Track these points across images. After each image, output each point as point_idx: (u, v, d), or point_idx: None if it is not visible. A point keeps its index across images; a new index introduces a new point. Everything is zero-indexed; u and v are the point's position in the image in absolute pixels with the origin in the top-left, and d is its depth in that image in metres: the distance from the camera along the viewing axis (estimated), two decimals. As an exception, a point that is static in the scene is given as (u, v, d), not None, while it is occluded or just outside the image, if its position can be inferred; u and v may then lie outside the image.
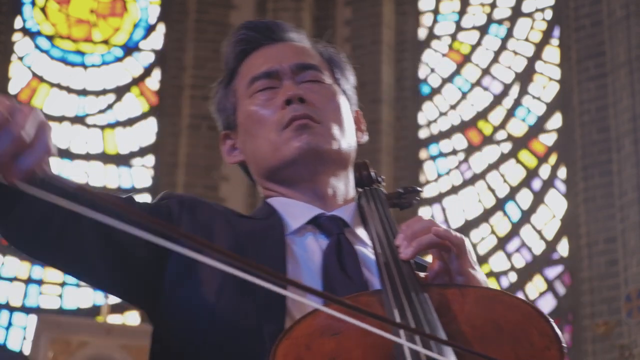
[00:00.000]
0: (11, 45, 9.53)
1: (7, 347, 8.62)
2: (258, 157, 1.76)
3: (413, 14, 9.65)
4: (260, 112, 1.75)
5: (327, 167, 1.73)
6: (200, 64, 9.37)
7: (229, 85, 1.83)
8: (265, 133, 1.73)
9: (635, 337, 7.25)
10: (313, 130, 1.70)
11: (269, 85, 1.76)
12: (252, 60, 1.81)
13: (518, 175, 8.85)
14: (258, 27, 1.84)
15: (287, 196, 1.74)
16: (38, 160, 1.23)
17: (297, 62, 1.78)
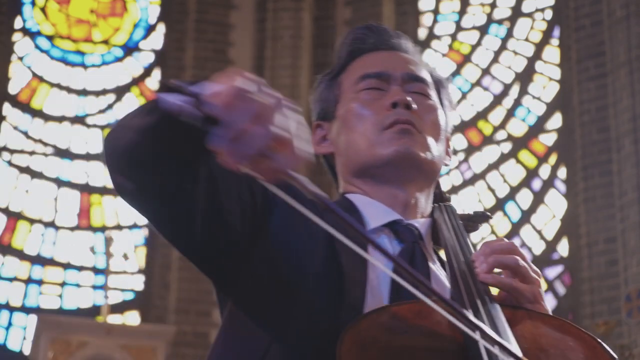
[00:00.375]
0: (11, 45, 9.53)
1: (7, 347, 8.62)
2: (350, 150, 1.77)
3: (413, 14, 9.65)
4: (364, 108, 1.76)
5: (417, 176, 1.75)
6: (200, 64, 9.37)
7: (336, 78, 1.85)
8: (364, 129, 1.75)
9: (635, 337, 7.25)
10: (413, 137, 1.72)
11: (377, 85, 1.78)
12: (365, 60, 1.83)
13: (518, 175, 8.85)
14: (379, 31, 1.87)
15: (369, 196, 1.75)
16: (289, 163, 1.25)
17: (410, 72, 1.80)
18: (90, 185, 9.28)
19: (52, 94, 9.53)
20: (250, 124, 1.22)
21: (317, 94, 1.88)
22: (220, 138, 1.22)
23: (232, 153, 1.22)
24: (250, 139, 1.21)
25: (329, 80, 1.87)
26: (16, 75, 9.48)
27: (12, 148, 9.27)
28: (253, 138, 1.21)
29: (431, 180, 1.79)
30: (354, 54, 1.85)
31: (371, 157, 1.73)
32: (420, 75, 1.82)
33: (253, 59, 9.42)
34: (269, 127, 1.22)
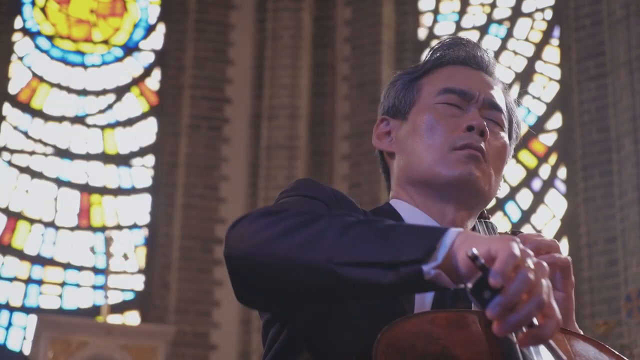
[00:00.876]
0: (11, 45, 9.53)
1: (7, 347, 8.62)
2: (414, 159, 1.77)
3: (413, 14, 9.65)
4: (439, 122, 1.76)
5: (472, 202, 1.75)
6: (200, 64, 9.37)
7: (417, 80, 1.84)
8: (434, 143, 1.74)
9: (635, 337, 7.25)
10: (480, 165, 1.73)
11: (457, 103, 1.78)
12: (452, 71, 1.82)
13: (518, 175, 8.85)
14: (472, 47, 1.86)
15: (419, 206, 1.76)
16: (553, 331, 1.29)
17: (492, 99, 1.80)
18: (90, 185, 9.28)
19: (52, 94, 9.53)
20: (526, 295, 1.27)
21: (393, 90, 1.86)
22: (498, 307, 1.26)
23: (506, 322, 1.27)
24: (524, 309, 1.26)
25: (409, 81, 1.85)
26: (16, 75, 9.49)
27: (12, 148, 9.27)
28: (527, 309, 1.26)
29: (481, 209, 1.80)
30: (442, 62, 1.84)
31: (433, 172, 1.73)
32: (499, 104, 1.81)
33: (253, 59, 9.42)
34: (540, 298, 1.27)
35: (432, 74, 1.84)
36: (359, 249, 1.39)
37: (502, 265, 1.26)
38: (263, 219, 1.49)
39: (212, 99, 9.31)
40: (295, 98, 9.08)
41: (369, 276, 1.37)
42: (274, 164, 8.88)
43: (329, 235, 1.41)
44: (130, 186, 9.33)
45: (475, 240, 1.33)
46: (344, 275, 1.38)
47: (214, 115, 9.26)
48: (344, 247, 1.39)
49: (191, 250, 8.71)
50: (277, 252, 1.44)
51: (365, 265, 1.38)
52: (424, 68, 1.85)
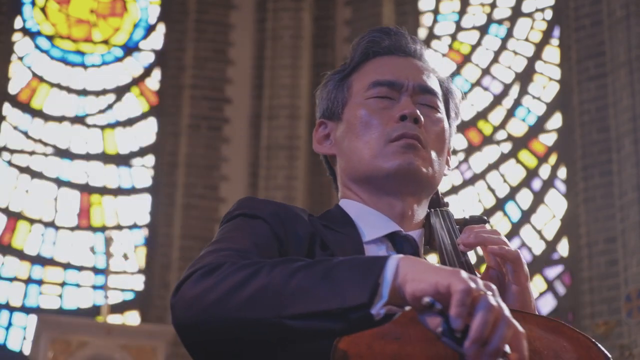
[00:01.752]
0: (11, 45, 9.53)
1: (7, 347, 8.62)
2: (354, 157, 1.77)
3: (413, 14, 9.65)
4: (372, 116, 1.76)
5: (417, 190, 1.76)
6: (200, 64, 9.37)
7: (346, 78, 1.84)
8: (370, 139, 1.75)
9: (635, 337, 7.25)
10: (418, 152, 1.73)
11: (388, 94, 1.77)
12: (378, 64, 1.82)
13: (518, 175, 8.84)
14: (394, 34, 1.86)
15: (367, 204, 1.76)
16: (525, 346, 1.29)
17: (422, 83, 1.80)
18: (90, 185, 9.28)
19: (52, 94, 9.53)
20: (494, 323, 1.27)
21: (325, 91, 1.87)
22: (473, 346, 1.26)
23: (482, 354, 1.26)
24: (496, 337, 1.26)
25: (339, 80, 1.85)
26: (16, 75, 9.48)
27: (12, 148, 9.27)
28: (499, 335, 1.26)
29: (429, 193, 1.80)
30: (368, 55, 1.84)
31: (374, 167, 1.73)
32: (431, 87, 1.81)
33: (253, 59, 9.42)
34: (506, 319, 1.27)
35: (359, 69, 1.83)
36: (303, 300, 1.37)
37: (459, 307, 1.26)
38: (204, 281, 1.46)
39: (212, 99, 9.31)
40: (295, 98, 9.08)
41: (318, 326, 1.37)
42: (274, 164, 8.88)
43: (273, 289, 1.39)
44: (130, 186, 9.33)
45: (419, 274, 1.32)
46: (294, 327, 1.38)
47: (214, 115, 9.26)
48: (289, 299, 1.38)
49: (191, 250, 8.70)
50: (224, 314, 1.42)
51: (313, 316, 1.37)
52: (351, 65, 1.85)
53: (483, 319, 1.25)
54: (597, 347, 1.42)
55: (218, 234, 1.68)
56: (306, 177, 8.77)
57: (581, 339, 1.44)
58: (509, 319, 1.27)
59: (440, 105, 1.82)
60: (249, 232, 1.62)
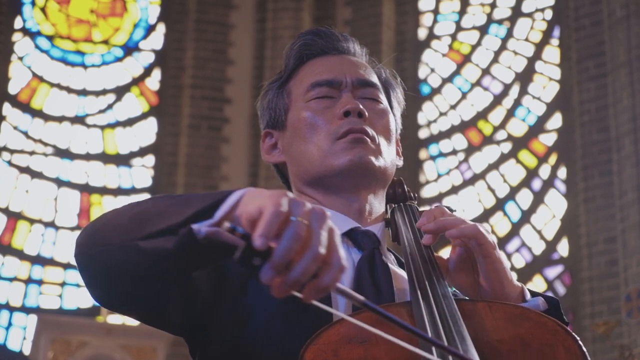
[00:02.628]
0: (11, 45, 9.53)
1: (7, 347, 8.62)
2: (304, 161, 1.77)
3: (413, 14, 9.65)
4: (316, 118, 1.76)
5: (371, 183, 1.75)
6: (200, 64, 9.37)
7: (284, 85, 1.84)
8: (317, 139, 1.75)
9: (635, 337, 7.25)
10: (366, 145, 1.73)
11: (328, 94, 1.78)
12: (314, 66, 1.82)
13: (518, 175, 8.85)
14: (324, 34, 1.86)
15: (323, 204, 1.75)
16: (334, 279, 1.22)
17: (359, 77, 1.80)
18: (90, 185, 9.28)
19: (52, 94, 9.53)
20: (296, 251, 1.21)
21: (266, 101, 1.87)
22: (268, 271, 1.20)
23: (283, 283, 1.21)
24: (298, 267, 1.21)
25: (277, 88, 1.85)
26: (16, 75, 9.48)
27: (12, 148, 9.27)
28: (302, 266, 1.21)
29: (384, 184, 1.79)
30: (302, 59, 1.84)
31: (325, 167, 1.73)
32: (370, 80, 1.81)
33: (253, 59, 9.42)
34: (315, 250, 1.21)
35: (296, 74, 1.83)
36: (157, 220, 1.37)
37: (263, 226, 1.21)
38: (91, 224, 1.49)
39: (212, 99, 9.31)
40: (295, 98, 9.08)
41: (159, 245, 1.35)
42: (274, 164, 8.88)
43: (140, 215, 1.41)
44: (130, 186, 9.33)
45: (254, 199, 1.29)
46: (142, 249, 1.37)
47: (214, 115, 9.26)
48: (142, 223, 1.38)
49: (191, 250, 8.70)
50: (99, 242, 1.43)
51: (157, 234, 1.36)
52: (288, 71, 1.84)
53: (284, 245, 1.20)
54: (564, 331, 1.41)
55: None
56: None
57: (548, 323, 1.43)
58: (320, 253, 1.21)
59: (382, 96, 1.82)
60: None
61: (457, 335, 1.36)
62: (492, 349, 1.39)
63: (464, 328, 1.39)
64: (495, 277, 1.58)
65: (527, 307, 1.50)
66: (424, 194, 9.09)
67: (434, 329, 1.38)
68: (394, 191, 1.86)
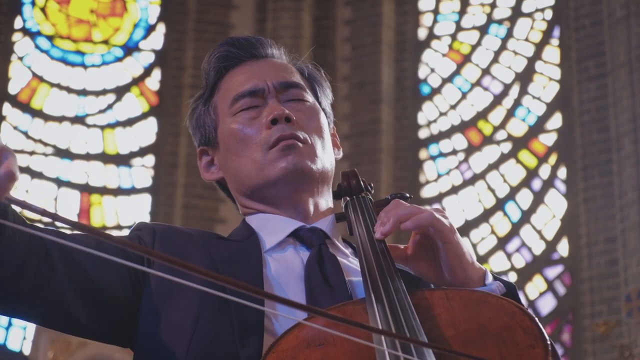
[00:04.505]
0: (11, 45, 9.53)
1: (7, 347, 8.61)
2: (241, 175, 1.76)
3: (413, 14, 9.65)
4: (245, 130, 1.74)
5: (310, 186, 1.74)
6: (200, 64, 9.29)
7: (209, 101, 1.82)
8: (250, 152, 1.73)
9: (635, 337, 7.25)
10: (299, 150, 1.71)
11: (252, 104, 1.76)
12: (234, 77, 1.80)
13: (518, 175, 8.84)
14: (239, 43, 1.84)
15: (268, 213, 1.75)
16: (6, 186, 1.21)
17: (281, 80, 1.78)
18: (90, 185, 9.28)
19: (52, 94, 9.53)
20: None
21: (194, 120, 1.85)
22: None
23: None
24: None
25: (203, 105, 1.83)
26: (16, 75, 9.48)
27: (12, 148, 9.23)
28: None
29: (326, 182, 1.78)
30: (221, 71, 1.82)
31: (261, 179, 1.72)
32: (292, 81, 1.79)
33: (253, 59, 9.41)
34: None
35: (218, 88, 1.82)
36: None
37: None
38: None
39: (212, 99, 9.31)
40: (295, 98, 9.09)
41: None
42: (274, 164, 8.89)
43: None
44: (130, 186, 9.33)
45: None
46: None
47: (214, 115, 9.27)
48: None
49: (191, 250, 8.71)
50: None
51: None
52: (209, 86, 1.83)
53: None
54: (521, 311, 1.40)
55: None
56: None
57: (505, 305, 1.41)
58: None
59: (307, 94, 1.80)
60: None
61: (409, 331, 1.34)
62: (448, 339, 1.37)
63: (418, 322, 1.37)
64: (456, 263, 1.55)
65: (485, 291, 1.48)
66: (424, 194, 9.09)
67: (386, 325, 1.36)
68: (348, 183, 1.84)
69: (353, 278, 1.64)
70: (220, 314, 1.55)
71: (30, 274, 1.48)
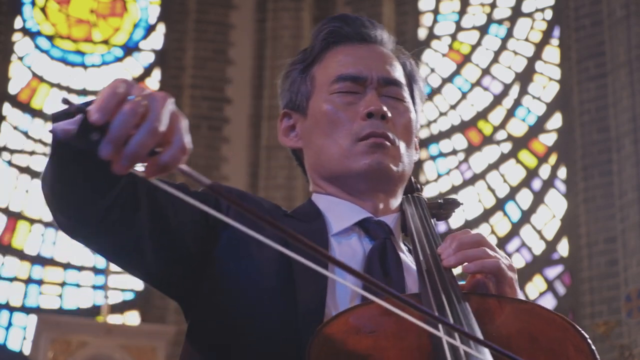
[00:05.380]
0: (11, 45, 9.53)
1: (7, 347, 8.62)
2: (322, 156, 1.75)
3: (413, 14, 9.65)
4: (338, 114, 1.74)
5: (388, 186, 1.74)
6: (200, 64, 9.37)
7: (308, 69, 1.81)
8: (338, 137, 1.73)
9: (635, 337, 7.25)
10: (386, 150, 1.71)
11: (352, 89, 1.75)
12: (339, 55, 1.79)
13: (518, 175, 8.85)
14: (354, 22, 1.82)
15: (338, 197, 1.75)
16: (174, 158, 1.20)
17: (386, 76, 1.77)
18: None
19: (52, 94, 9.53)
20: (132, 125, 1.18)
21: (288, 82, 1.83)
22: (106, 145, 1.18)
23: (121, 158, 1.19)
24: (134, 139, 1.18)
25: (300, 71, 1.82)
26: (16, 75, 9.49)
27: (12, 148, 9.27)
28: (137, 138, 1.18)
29: (401, 184, 1.78)
30: (329, 44, 1.80)
31: (342, 167, 1.72)
32: (396, 78, 1.78)
33: (253, 59, 9.42)
34: (150, 125, 1.18)
35: (321, 60, 1.80)
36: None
37: (100, 102, 1.18)
38: None
39: (212, 99, 9.31)
40: (295, 98, 9.08)
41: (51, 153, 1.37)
42: (274, 164, 8.88)
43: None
44: (130, 186, 9.33)
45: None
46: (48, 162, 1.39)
47: (214, 115, 9.27)
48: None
49: (191, 250, 8.70)
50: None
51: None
52: (313, 54, 1.81)
53: (120, 118, 1.17)
54: (573, 328, 1.41)
55: None
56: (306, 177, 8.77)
57: (557, 319, 1.43)
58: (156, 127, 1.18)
59: (406, 94, 1.79)
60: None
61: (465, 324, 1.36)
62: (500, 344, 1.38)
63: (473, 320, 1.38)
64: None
65: (536, 304, 1.49)
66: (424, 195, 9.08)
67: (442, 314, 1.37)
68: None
69: (412, 277, 1.64)
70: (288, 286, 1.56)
71: (119, 203, 1.48)
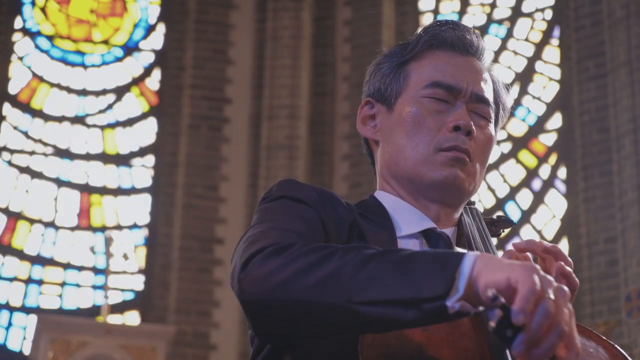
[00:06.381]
0: (11, 45, 9.53)
1: (7, 347, 8.62)
2: (399, 155, 1.75)
3: (413, 14, 9.65)
4: (425, 118, 1.73)
5: (456, 201, 1.75)
6: (200, 64, 9.37)
7: (404, 66, 1.80)
8: (420, 141, 1.73)
9: (635, 337, 7.25)
10: (465, 167, 1.72)
11: (444, 97, 1.75)
12: (440, 60, 1.79)
13: (518, 175, 8.85)
14: (460, 30, 1.82)
15: (404, 200, 1.75)
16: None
17: (479, 93, 1.78)
18: (90, 185, 9.28)
19: (52, 94, 9.53)
20: (548, 329, 1.27)
21: (380, 73, 1.82)
22: (523, 345, 1.26)
23: (530, 357, 1.26)
24: (546, 344, 1.26)
25: (396, 65, 1.80)
26: (16, 75, 9.49)
27: (12, 148, 9.27)
28: (549, 343, 1.26)
29: (467, 200, 1.79)
30: (431, 47, 1.80)
31: (418, 172, 1.72)
32: (486, 98, 1.79)
33: (253, 59, 9.42)
34: (560, 328, 1.27)
35: (419, 59, 1.79)
36: (377, 287, 1.37)
37: (523, 302, 1.26)
38: (273, 260, 1.45)
39: (212, 99, 9.31)
40: (295, 98, 9.08)
41: (389, 314, 1.36)
42: (274, 164, 8.88)
43: (345, 274, 1.39)
44: (130, 186, 9.33)
45: (494, 268, 1.32)
46: (364, 313, 1.37)
47: (214, 115, 9.27)
48: (362, 285, 1.37)
49: (191, 250, 8.71)
50: (293, 295, 1.41)
51: (385, 303, 1.36)
52: (412, 52, 1.80)
53: (538, 322, 1.26)
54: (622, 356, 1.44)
55: (262, 214, 1.63)
56: (306, 177, 8.77)
57: (607, 346, 1.47)
58: (566, 331, 1.27)
59: (492, 114, 1.80)
60: (298, 216, 1.60)
61: None
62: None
63: None
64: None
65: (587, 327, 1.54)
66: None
67: None
68: None
69: None
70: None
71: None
